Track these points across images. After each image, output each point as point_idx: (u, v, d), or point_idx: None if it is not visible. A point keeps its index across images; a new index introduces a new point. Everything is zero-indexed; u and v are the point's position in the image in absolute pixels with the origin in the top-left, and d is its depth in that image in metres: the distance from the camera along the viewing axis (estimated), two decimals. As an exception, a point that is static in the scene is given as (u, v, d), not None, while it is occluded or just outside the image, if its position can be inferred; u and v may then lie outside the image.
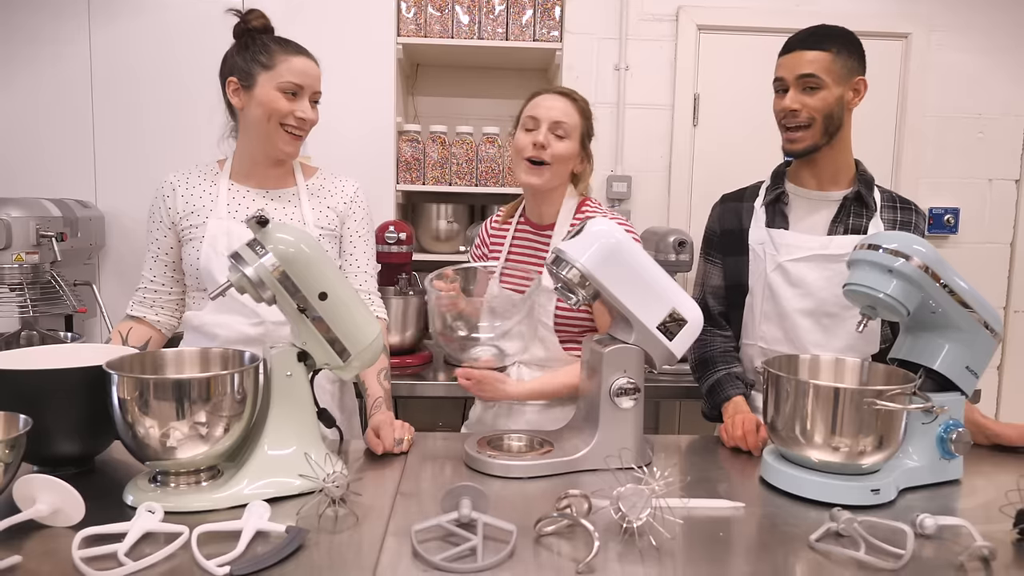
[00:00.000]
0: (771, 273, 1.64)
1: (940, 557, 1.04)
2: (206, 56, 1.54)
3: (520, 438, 1.44)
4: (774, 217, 1.67)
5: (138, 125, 2.54)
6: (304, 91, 1.57)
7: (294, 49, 1.58)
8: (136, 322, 1.65)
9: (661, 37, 2.80)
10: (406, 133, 2.73)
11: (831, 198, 1.65)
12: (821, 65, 1.55)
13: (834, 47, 1.56)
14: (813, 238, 1.62)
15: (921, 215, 1.66)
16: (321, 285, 1.21)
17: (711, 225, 1.79)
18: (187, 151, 2.47)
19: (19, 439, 1.04)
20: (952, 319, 1.33)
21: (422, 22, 2.68)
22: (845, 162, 1.65)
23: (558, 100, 1.64)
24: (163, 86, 2.53)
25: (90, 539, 0.99)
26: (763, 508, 1.21)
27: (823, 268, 1.60)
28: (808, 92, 1.56)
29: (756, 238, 1.68)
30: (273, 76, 1.54)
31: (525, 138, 1.64)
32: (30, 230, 2.13)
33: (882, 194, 1.66)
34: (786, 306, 1.63)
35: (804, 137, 1.59)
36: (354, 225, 1.71)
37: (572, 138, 1.64)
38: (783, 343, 1.65)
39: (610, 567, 0.99)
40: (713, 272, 1.76)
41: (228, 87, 1.58)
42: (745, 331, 1.71)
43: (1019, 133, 2.92)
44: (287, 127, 1.57)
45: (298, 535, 1.03)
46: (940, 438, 1.32)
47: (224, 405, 1.15)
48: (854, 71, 1.58)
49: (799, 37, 1.61)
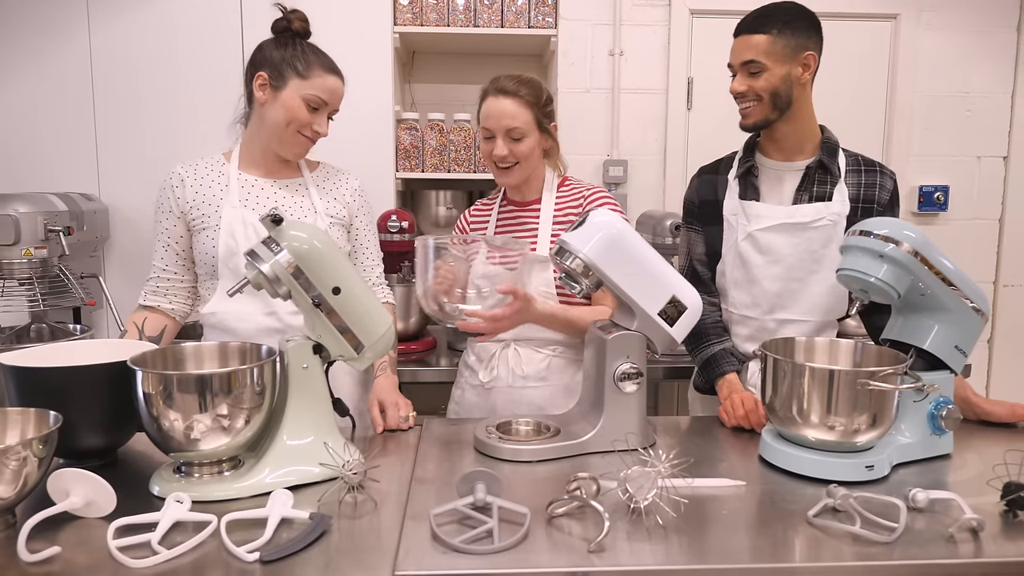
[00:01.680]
0: (742, 242, 1.71)
1: (931, 529, 1.10)
2: (206, 48, 1.56)
3: (528, 423, 1.49)
4: (746, 189, 1.74)
5: (138, 118, 2.55)
6: (327, 108, 1.63)
7: (329, 66, 1.64)
8: (150, 311, 1.68)
9: (655, 22, 2.83)
10: (404, 121, 2.75)
11: (795, 168, 1.71)
12: (761, 49, 1.62)
13: (775, 28, 1.61)
14: (780, 208, 1.69)
15: (887, 175, 1.70)
16: (334, 280, 1.26)
17: (690, 195, 1.85)
18: (188, 142, 2.51)
19: (51, 435, 1.08)
20: (941, 301, 1.38)
21: (418, 10, 2.70)
22: (809, 132, 1.71)
23: (505, 103, 1.69)
24: (163, 79, 2.54)
25: (123, 529, 1.04)
26: (763, 486, 1.27)
27: (790, 235, 1.67)
28: (752, 76, 1.64)
29: (729, 209, 1.74)
30: (304, 86, 1.59)
31: (487, 147, 1.74)
32: (38, 225, 2.16)
33: (847, 158, 1.72)
34: (756, 273, 1.70)
35: (752, 112, 1.67)
36: (362, 219, 1.78)
37: (529, 134, 1.71)
38: (751, 308, 1.72)
39: (619, 545, 1.05)
40: (697, 240, 1.82)
41: (256, 80, 1.61)
42: (722, 298, 1.78)
43: (1006, 111, 2.97)
44: (302, 135, 1.62)
45: (322, 521, 1.08)
46: (931, 415, 1.38)
47: (244, 398, 1.19)
48: (799, 48, 1.63)
49: (744, 21, 1.67)
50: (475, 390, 1.80)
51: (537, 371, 1.73)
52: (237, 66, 2.36)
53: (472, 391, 1.81)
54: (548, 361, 1.74)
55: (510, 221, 1.81)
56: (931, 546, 1.05)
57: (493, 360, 1.76)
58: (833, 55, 2.79)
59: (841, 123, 2.78)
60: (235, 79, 1.86)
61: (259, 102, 1.62)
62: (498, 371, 1.75)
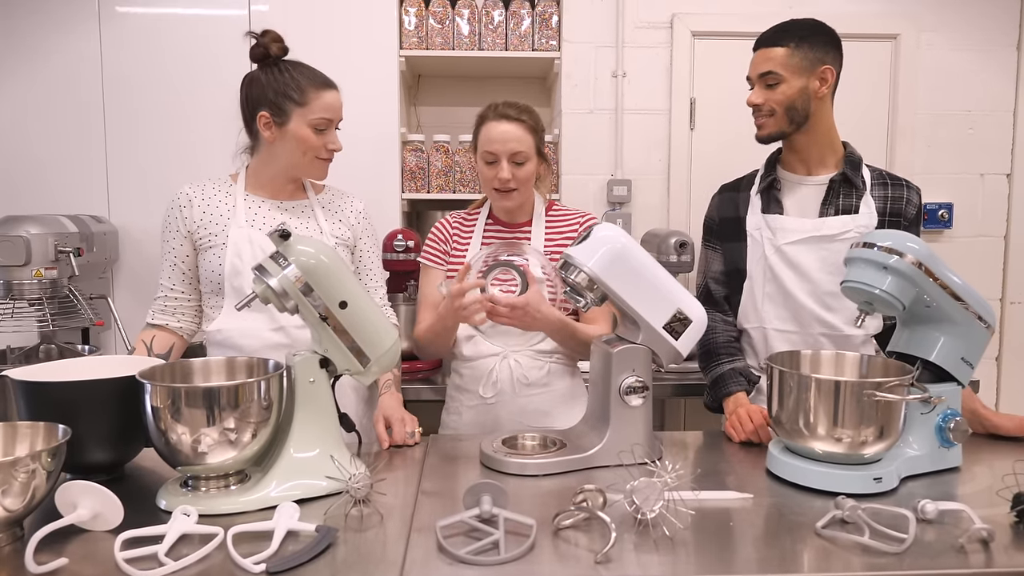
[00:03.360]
0: (771, 256, 1.71)
1: (941, 540, 1.09)
2: (214, 72, 1.58)
3: (534, 437, 1.49)
4: (769, 203, 1.75)
5: (148, 141, 2.59)
6: (333, 123, 1.65)
7: (322, 82, 1.64)
8: (158, 329, 1.70)
9: (657, 44, 2.86)
10: (410, 143, 2.79)
11: (819, 181, 1.72)
12: (779, 61, 1.64)
13: (792, 42, 1.64)
14: (807, 221, 1.70)
15: (914, 190, 1.73)
16: (341, 294, 1.27)
17: (710, 214, 1.86)
18: (196, 165, 2.54)
19: (60, 448, 1.09)
20: (946, 312, 1.38)
21: (423, 35, 2.74)
22: (830, 146, 1.73)
23: (510, 128, 1.72)
24: (173, 103, 2.58)
25: (130, 541, 1.04)
26: (770, 498, 1.26)
27: (818, 249, 1.68)
28: (769, 88, 1.66)
29: (753, 224, 1.75)
30: (306, 112, 1.61)
31: (488, 171, 1.74)
32: (48, 246, 2.18)
33: (872, 172, 1.74)
34: (789, 287, 1.69)
35: (767, 124, 1.69)
36: (366, 241, 1.80)
37: (531, 159, 1.74)
38: (789, 321, 1.71)
39: (626, 556, 1.04)
40: (714, 258, 1.83)
41: (259, 120, 1.62)
42: (746, 315, 1.77)
43: (1008, 128, 2.98)
44: (320, 158, 1.65)
45: (328, 534, 1.08)
46: (939, 427, 1.37)
47: (251, 411, 1.19)
48: (818, 61, 1.65)
49: (764, 35, 1.70)
50: (474, 410, 1.78)
51: (539, 377, 1.74)
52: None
53: (471, 411, 1.78)
54: (547, 367, 1.75)
55: (498, 240, 1.81)
56: (941, 557, 1.04)
57: (492, 375, 1.75)
58: (834, 75, 2.84)
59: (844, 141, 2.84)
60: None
61: (267, 141, 1.64)
62: (500, 384, 1.74)
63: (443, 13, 2.74)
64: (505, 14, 2.75)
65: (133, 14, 2.58)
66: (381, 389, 1.63)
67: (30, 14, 2.56)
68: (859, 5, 2.88)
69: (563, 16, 2.80)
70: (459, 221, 1.88)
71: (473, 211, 1.89)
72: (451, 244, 1.85)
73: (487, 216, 1.86)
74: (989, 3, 2.92)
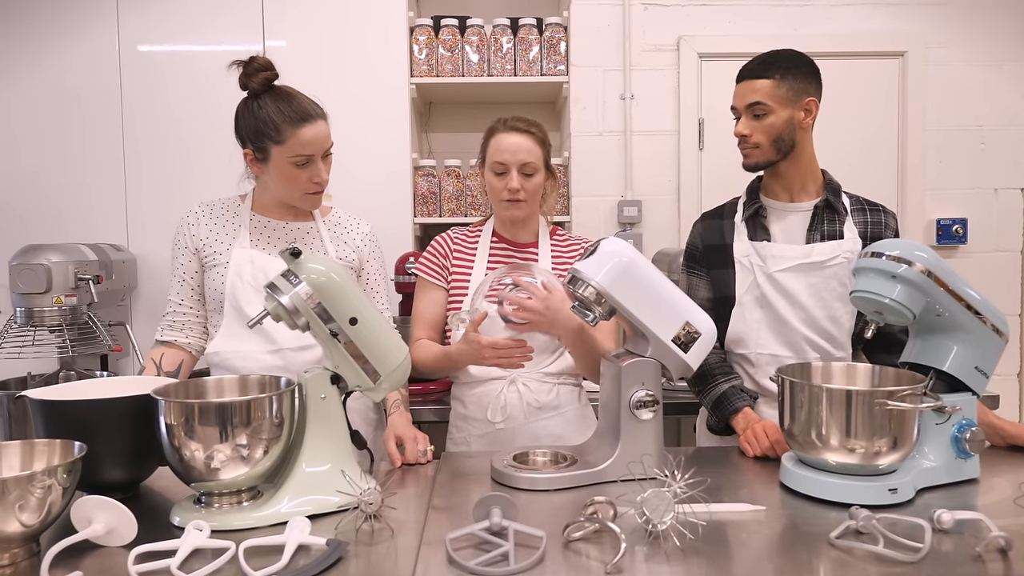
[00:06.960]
0: (763, 284, 1.71)
1: (958, 550, 1.07)
2: (231, 105, 1.61)
3: (545, 453, 1.49)
4: (755, 230, 1.76)
5: (166, 172, 2.66)
6: (316, 156, 1.60)
7: (300, 116, 1.56)
8: (167, 347, 1.71)
9: (664, 66, 2.90)
10: (422, 168, 2.83)
11: (804, 208, 1.74)
12: (765, 92, 1.67)
13: (778, 73, 1.67)
14: (796, 247, 1.71)
15: (891, 215, 1.76)
16: (351, 311, 1.28)
17: (693, 241, 1.86)
18: (213, 195, 2.57)
19: (75, 464, 1.10)
20: (958, 321, 1.37)
21: (434, 62, 2.79)
22: (811, 173, 1.75)
23: (520, 139, 1.74)
24: (189, 134, 2.65)
25: (143, 555, 1.05)
26: (784, 510, 1.25)
27: (808, 275, 1.68)
28: (757, 118, 1.69)
29: (741, 251, 1.75)
30: (284, 151, 1.58)
31: (498, 183, 1.75)
32: (68, 274, 2.23)
33: (850, 199, 1.76)
34: (783, 313, 1.70)
35: (753, 153, 1.72)
36: (372, 264, 1.81)
37: (540, 170, 1.76)
38: (782, 347, 1.71)
39: (638, 567, 1.04)
40: (699, 285, 1.83)
41: (244, 157, 1.65)
42: (736, 341, 1.76)
43: (1021, 142, 2.97)
44: (308, 192, 1.65)
45: (338, 547, 1.08)
46: (955, 438, 1.35)
47: (264, 428, 1.21)
48: (802, 92, 1.68)
49: (748, 66, 1.72)
50: (483, 438, 1.74)
51: (550, 400, 1.73)
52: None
53: (479, 440, 1.74)
54: (556, 390, 1.74)
55: (504, 260, 1.81)
56: (958, 566, 1.03)
57: (500, 399, 1.72)
58: (843, 93, 2.85)
59: (854, 158, 2.85)
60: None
61: (256, 175, 1.68)
62: (510, 409, 1.71)
63: (452, 41, 2.79)
64: (514, 40, 2.80)
65: (152, 52, 2.66)
66: (390, 409, 1.64)
67: (53, 51, 2.64)
68: (866, 23, 2.90)
69: (571, 41, 2.85)
70: (460, 238, 1.86)
71: (474, 230, 1.87)
72: (451, 260, 1.83)
73: (491, 235, 1.85)
74: (995, 19, 2.93)
